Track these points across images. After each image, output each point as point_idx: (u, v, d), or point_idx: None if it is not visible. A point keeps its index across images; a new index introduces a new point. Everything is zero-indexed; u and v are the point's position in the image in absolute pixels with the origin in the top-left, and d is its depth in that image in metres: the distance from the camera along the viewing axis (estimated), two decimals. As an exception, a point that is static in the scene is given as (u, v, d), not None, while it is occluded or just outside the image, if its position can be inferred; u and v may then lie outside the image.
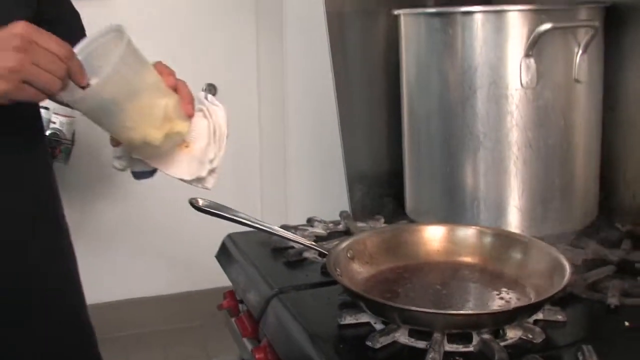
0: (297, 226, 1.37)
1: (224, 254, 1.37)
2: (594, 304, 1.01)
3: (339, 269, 1.00)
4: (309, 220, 1.42)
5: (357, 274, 1.05)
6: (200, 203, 1.12)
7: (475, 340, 0.88)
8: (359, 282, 1.03)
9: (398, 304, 0.91)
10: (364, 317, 0.95)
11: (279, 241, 1.28)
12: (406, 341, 0.89)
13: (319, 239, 1.30)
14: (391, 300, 0.95)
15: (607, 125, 1.32)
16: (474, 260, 1.06)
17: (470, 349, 0.87)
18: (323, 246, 1.12)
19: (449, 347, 0.87)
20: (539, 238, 1.16)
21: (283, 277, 1.16)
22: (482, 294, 0.99)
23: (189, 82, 1.04)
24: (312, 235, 1.32)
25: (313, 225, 1.39)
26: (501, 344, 0.87)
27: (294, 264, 1.22)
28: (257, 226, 1.13)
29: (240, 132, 2.86)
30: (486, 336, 0.87)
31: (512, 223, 1.24)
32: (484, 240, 1.06)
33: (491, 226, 1.15)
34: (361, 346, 0.90)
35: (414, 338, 0.89)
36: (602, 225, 1.32)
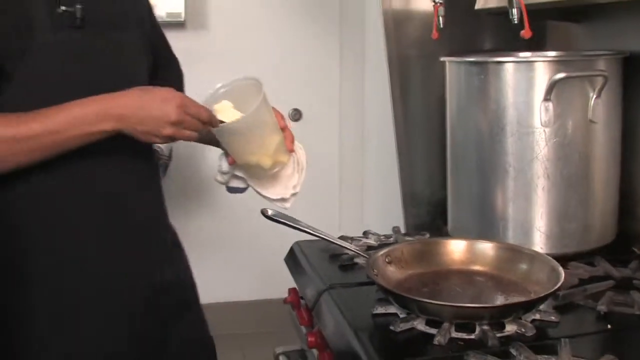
0: (353, 237, 1.61)
1: (291, 258, 1.63)
2: (588, 310, 1.20)
3: (376, 270, 1.25)
4: (365, 233, 1.66)
5: (393, 275, 1.28)
6: (269, 212, 1.40)
7: (477, 330, 1.10)
8: (393, 282, 1.26)
9: (419, 298, 1.13)
10: (392, 309, 1.19)
11: (337, 248, 1.52)
12: (422, 328, 1.12)
13: (370, 248, 1.54)
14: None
15: (627, 158, 1.50)
16: (487, 269, 1.28)
17: (472, 337, 1.09)
18: (368, 253, 1.37)
19: (455, 334, 1.10)
20: (558, 255, 1.38)
21: (335, 277, 1.41)
22: (490, 294, 1.21)
23: (276, 106, 1.33)
24: (365, 245, 1.56)
25: (367, 237, 1.63)
26: (498, 335, 1.09)
27: (346, 267, 1.46)
28: (317, 235, 1.40)
29: (321, 153, 3.12)
30: (486, 327, 1.09)
31: (535, 242, 1.44)
32: (496, 253, 1.28)
33: (511, 243, 1.37)
34: (387, 330, 1.13)
35: (429, 326, 1.12)
36: (619, 248, 1.50)
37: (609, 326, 1.15)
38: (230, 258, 3.20)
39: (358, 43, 3.06)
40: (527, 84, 1.39)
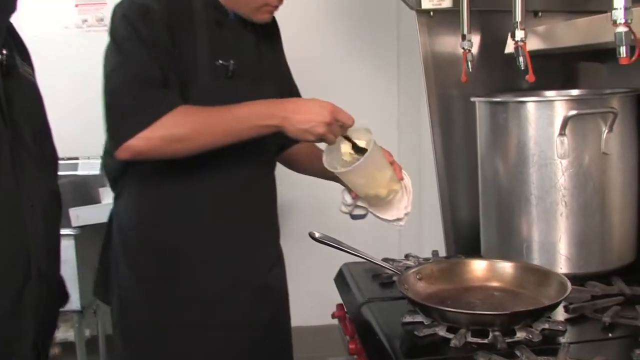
0: (394, 259, 1.80)
1: (340, 277, 1.84)
2: (594, 321, 1.35)
3: (406, 285, 1.43)
4: (406, 255, 1.85)
5: (422, 290, 1.46)
6: (317, 235, 1.60)
7: (490, 336, 1.26)
8: (422, 295, 1.44)
9: (436, 306, 1.31)
10: (419, 318, 1.37)
11: (379, 269, 1.71)
12: (443, 334, 1.30)
13: (408, 269, 1.72)
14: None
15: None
16: (504, 285, 1.45)
17: (485, 341, 1.26)
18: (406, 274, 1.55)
19: (471, 339, 1.27)
20: (579, 275, 1.53)
21: (374, 292, 1.61)
22: (505, 305, 1.38)
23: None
24: (404, 266, 1.74)
25: (407, 259, 1.81)
26: (508, 340, 1.25)
27: (385, 284, 1.65)
28: (361, 256, 1.59)
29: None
30: (497, 333, 1.26)
31: (557, 263, 1.59)
32: (513, 271, 1.45)
33: (526, 262, 1.53)
34: (412, 335, 1.32)
35: (449, 332, 1.30)
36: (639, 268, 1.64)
37: (610, 335, 1.29)
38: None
39: (414, 81, 3.26)
40: (545, 120, 1.55)
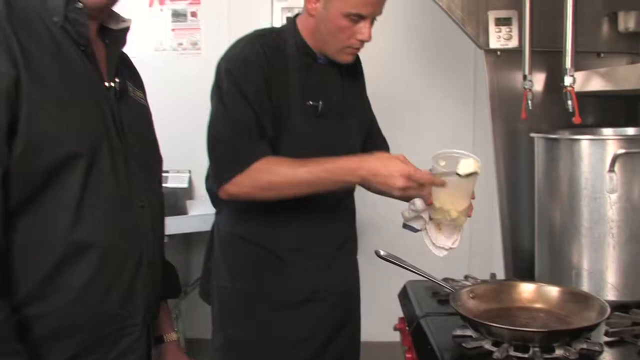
0: (454, 279, 1.95)
1: (403, 293, 2.00)
2: (632, 346, 1.47)
3: (459, 302, 1.59)
4: (465, 276, 1.99)
5: (473, 307, 1.61)
6: (382, 253, 1.78)
7: (530, 352, 1.40)
8: (472, 312, 1.59)
9: (483, 321, 1.46)
10: (468, 332, 1.52)
11: (439, 287, 1.86)
12: (488, 347, 1.45)
13: (463, 288, 1.87)
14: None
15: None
16: (548, 306, 1.58)
17: (526, 356, 1.40)
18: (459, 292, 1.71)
19: (513, 353, 1.41)
20: (626, 303, 1.65)
21: (431, 308, 1.76)
22: (546, 325, 1.51)
23: (421, 163, 1.73)
24: (462, 286, 1.89)
25: (466, 280, 1.96)
26: (546, 356, 1.39)
27: (442, 301, 1.81)
28: (422, 275, 1.76)
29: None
30: (537, 349, 1.40)
31: (605, 291, 1.71)
32: (557, 295, 1.58)
33: (570, 287, 1.66)
34: (460, 347, 1.47)
35: (494, 346, 1.45)
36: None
37: (640, 353, 1.41)
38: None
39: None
40: (596, 157, 1.68)
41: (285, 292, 1.87)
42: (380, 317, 2.82)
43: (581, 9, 1.89)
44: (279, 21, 3.64)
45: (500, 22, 2.07)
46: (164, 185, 2.89)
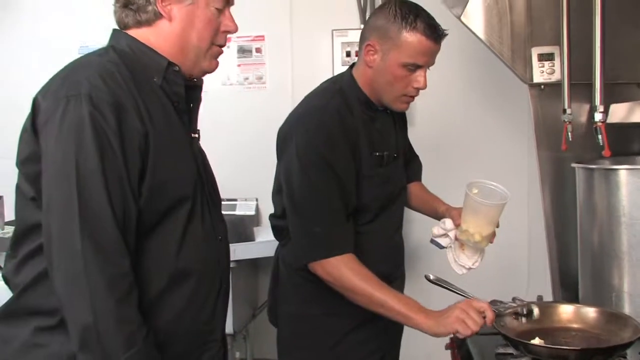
0: (502, 301, 2.06)
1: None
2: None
3: (503, 322, 1.71)
4: (513, 298, 2.10)
5: (517, 327, 1.73)
6: (432, 277, 1.91)
7: (566, 369, 1.52)
8: (516, 332, 1.71)
9: (522, 340, 1.58)
10: (510, 349, 1.65)
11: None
12: (527, 364, 1.57)
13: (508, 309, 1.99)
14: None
15: None
16: (585, 326, 1.69)
17: (562, 373, 1.52)
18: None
19: (550, 370, 1.53)
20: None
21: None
22: (582, 343, 1.62)
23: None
24: (509, 307, 2.01)
25: (513, 302, 2.07)
26: (582, 372, 1.50)
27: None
28: (469, 296, 1.88)
29: (514, 235, 3.51)
30: (573, 366, 1.51)
31: (645, 313, 1.80)
32: (594, 315, 1.69)
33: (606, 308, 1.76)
34: (503, 364, 1.60)
35: (532, 363, 1.57)
36: None
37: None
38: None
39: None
40: (632, 185, 1.79)
41: (352, 315, 2.00)
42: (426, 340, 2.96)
43: (622, 40, 2.00)
44: (339, 56, 3.82)
45: (543, 57, 2.19)
46: (232, 213, 3.13)
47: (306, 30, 3.89)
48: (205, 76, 1.60)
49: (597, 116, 1.73)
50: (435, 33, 1.84)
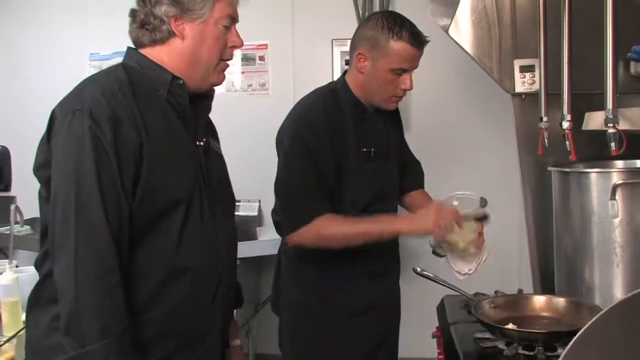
0: (484, 294, 2.23)
1: (441, 305, 2.30)
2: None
3: (481, 311, 1.88)
4: (496, 291, 2.27)
5: (494, 315, 1.90)
6: (419, 270, 2.09)
7: (535, 350, 1.69)
8: (493, 319, 1.87)
9: (495, 325, 1.76)
10: (487, 335, 1.82)
11: (470, 300, 2.15)
12: (501, 347, 1.74)
13: (486, 299, 2.16)
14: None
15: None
16: (555, 314, 1.86)
17: (531, 354, 1.68)
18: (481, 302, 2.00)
19: (521, 352, 1.70)
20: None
21: (461, 317, 2.06)
22: (549, 328, 1.79)
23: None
24: (491, 299, 2.18)
25: (496, 294, 2.24)
26: (548, 354, 1.67)
27: (471, 311, 2.09)
28: (456, 290, 2.06)
29: (504, 235, 3.67)
30: (541, 348, 1.68)
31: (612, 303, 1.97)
32: (564, 305, 1.87)
33: (575, 298, 1.93)
34: (479, 347, 1.77)
35: (506, 346, 1.73)
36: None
37: None
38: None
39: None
40: (601, 187, 1.95)
41: (349, 304, 2.23)
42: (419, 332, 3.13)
43: (600, 52, 2.16)
44: (338, 64, 4.00)
45: (524, 69, 2.36)
46: (236, 213, 3.37)
47: (307, 40, 4.07)
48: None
49: (565, 124, 1.90)
50: (418, 40, 2.10)
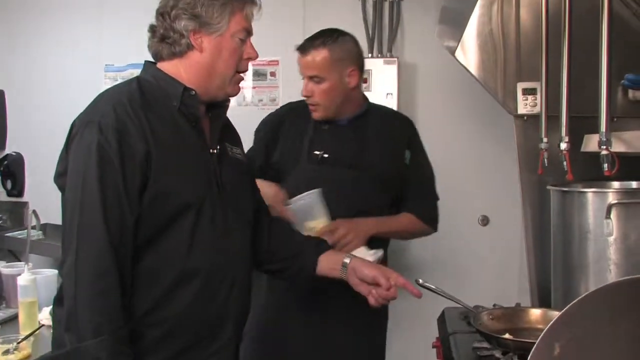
0: (484, 306, 2.31)
1: (441, 316, 2.38)
2: None
3: (479, 322, 1.96)
4: (494, 305, 2.36)
5: (491, 326, 1.98)
6: (421, 282, 2.17)
7: None
8: (490, 330, 1.96)
9: (493, 334, 1.84)
10: (485, 344, 1.90)
11: (469, 312, 2.23)
12: (498, 356, 1.83)
13: (485, 311, 2.24)
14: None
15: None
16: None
17: (526, 363, 1.77)
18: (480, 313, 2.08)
19: (517, 361, 1.79)
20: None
21: (460, 327, 2.15)
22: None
23: (467, 214, 2.21)
24: (489, 311, 2.26)
25: (494, 307, 2.33)
26: (543, 363, 1.75)
27: (470, 322, 2.18)
28: (456, 301, 2.14)
29: (505, 252, 3.75)
30: (535, 358, 1.76)
31: (606, 317, 2.05)
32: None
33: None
34: (477, 355, 1.85)
35: (503, 355, 1.82)
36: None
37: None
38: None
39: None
40: (597, 206, 2.03)
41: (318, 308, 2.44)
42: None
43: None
44: (347, 81, 4.09)
45: (527, 91, 2.46)
46: None
47: (318, 57, 4.16)
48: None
49: (563, 145, 1.99)
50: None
